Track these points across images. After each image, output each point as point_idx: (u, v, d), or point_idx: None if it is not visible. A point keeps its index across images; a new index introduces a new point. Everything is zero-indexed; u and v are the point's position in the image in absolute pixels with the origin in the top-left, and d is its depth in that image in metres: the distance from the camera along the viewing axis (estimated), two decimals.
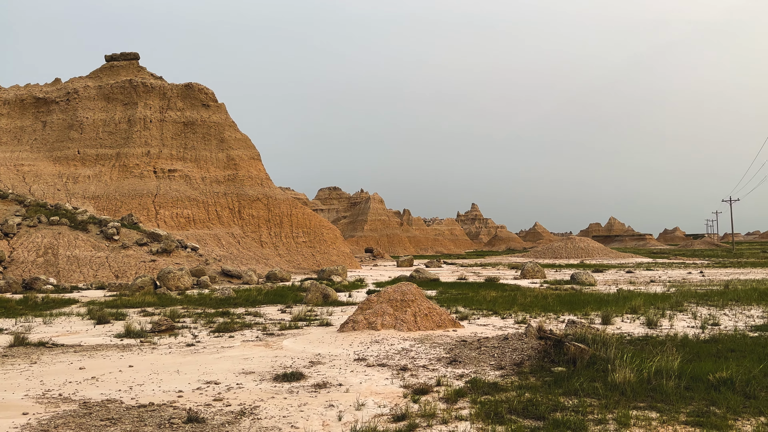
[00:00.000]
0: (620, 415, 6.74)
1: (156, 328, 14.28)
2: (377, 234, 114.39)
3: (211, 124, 53.80)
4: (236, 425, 6.86)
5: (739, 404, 7.11)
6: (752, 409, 7.00)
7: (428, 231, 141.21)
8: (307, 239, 52.59)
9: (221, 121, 54.41)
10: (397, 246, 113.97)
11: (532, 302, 19.60)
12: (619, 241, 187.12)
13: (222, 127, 54.20)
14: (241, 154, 53.86)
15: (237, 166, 52.89)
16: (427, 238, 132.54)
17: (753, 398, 7.39)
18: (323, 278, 34.83)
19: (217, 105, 55.07)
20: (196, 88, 54.62)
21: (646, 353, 9.65)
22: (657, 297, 20.71)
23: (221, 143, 53.60)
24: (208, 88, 55.30)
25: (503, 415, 6.90)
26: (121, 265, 33.00)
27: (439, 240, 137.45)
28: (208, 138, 53.44)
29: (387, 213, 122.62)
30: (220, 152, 53.21)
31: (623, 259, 68.09)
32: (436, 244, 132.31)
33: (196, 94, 54.53)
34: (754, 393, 7.54)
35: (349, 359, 10.77)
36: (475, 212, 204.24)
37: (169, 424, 6.87)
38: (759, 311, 16.91)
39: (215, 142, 53.52)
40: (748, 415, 6.82)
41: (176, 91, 54.41)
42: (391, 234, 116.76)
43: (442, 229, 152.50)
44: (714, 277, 33.74)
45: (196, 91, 54.58)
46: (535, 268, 37.02)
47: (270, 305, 20.65)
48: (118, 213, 45.50)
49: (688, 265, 50.09)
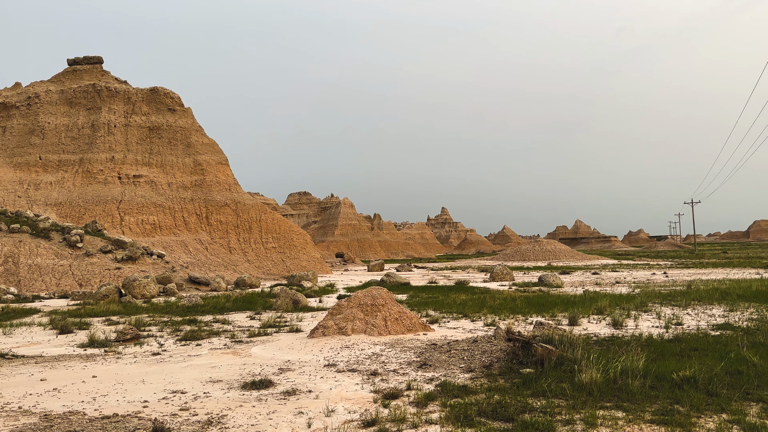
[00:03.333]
0: (587, 415, 6.82)
1: (121, 338, 13.96)
2: (348, 239, 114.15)
3: (177, 129, 53.02)
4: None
5: (702, 402, 7.27)
6: (714, 406, 7.15)
7: (399, 235, 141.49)
8: (276, 245, 52.17)
9: (188, 126, 53.68)
10: (368, 250, 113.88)
11: (501, 305, 19.77)
12: (585, 244, 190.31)
13: (188, 131, 53.47)
14: (209, 159, 53.20)
15: (204, 171, 52.21)
16: (398, 243, 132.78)
17: (715, 396, 7.55)
18: (293, 284, 34.57)
19: (183, 109, 54.32)
20: (161, 93, 53.80)
21: (612, 353, 9.80)
22: (622, 298, 21.09)
23: (188, 148, 52.86)
24: (174, 93, 54.52)
25: (473, 418, 6.92)
26: (84, 273, 32.22)
27: (410, 244, 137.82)
28: (174, 143, 52.64)
29: (358, 217, 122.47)
30: (187, 157, 52.46)
31: (589, 261, 69.23)
32: (406, 248, 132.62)
33: (161, 98, 53.70)
34: (716, 391, 7.72)
35: (319, 365, 10.69)
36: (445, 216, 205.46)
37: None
38: (720, 310, 17.36)
39: (182, 147, 52.75)
40: (711, 412, 6.97)
41: (141, 95, 53.50)
42: (362, 238, 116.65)
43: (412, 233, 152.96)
44: (677, 277, 34.53)
45: (161, 95, 53.76)
46: (504, 270, 37.37)
47: (239, 312, 20.40)
48: (81, 220, 44.46)
49: (652, 266, 51.18)
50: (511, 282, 34.46)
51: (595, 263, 63.15)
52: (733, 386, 7.93)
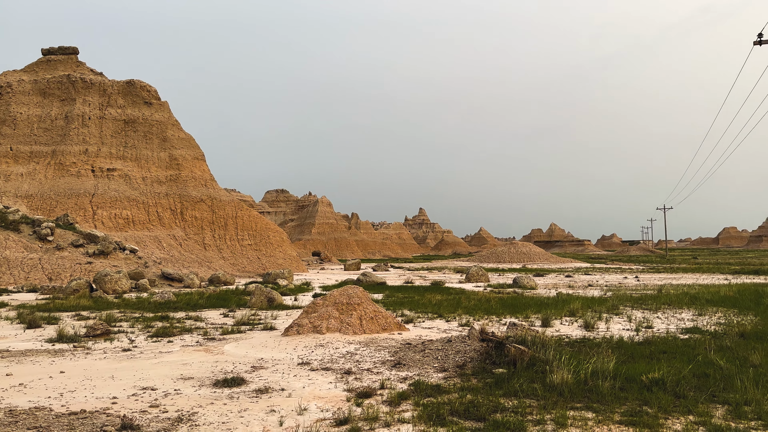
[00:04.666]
0: (558, 416, 6.89)
1: (91, 333, 13.72)
2: (325, 237, 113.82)
3: (153, 123, 52.29)
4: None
5: (669, 404, 7.39)
6: (682, 408, 7.28)
7: (376, 235, 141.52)
8: (252, 242, 51.78)
9: (164, 120, 52.98)
10: (344, 249, 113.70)
11: (475, 305, 19.88)
12: (560, 247, 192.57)
13: (165, 125, 52.78)
14: (185, 153, 52.58)
15: (180, 166, 51.59)
16: (375, 242, 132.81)
17: (683, 398, 7.69)
18: (269, 282, 34.35)
19: (159, 103, 53.60)
20: (138, 85, 53.03)
21: (583, 355, 9.92)
22: (594, 300, 21.37)
23: (164, 142, 52.18)
24: (150, 86, 53.78)
25: (445, 417, 6.94)
26: (55, 267, 31.61)
27: (387, 244, 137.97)
28: (149, 137, 51.92)
29: (335, 216, 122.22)
30: (163, 151, 51.78)
31: (563, 263, 70.05)
32: (383, 247, 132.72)
33: (138, 91, 52.93)
34: (684, 393, 7.86)
35: (293, 363, 10.63)
36: (422, 217, 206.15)
37: (102, 431, 6.60)
38: (689, 314, 17.68)
39: (157, 141, 52.05)
40: (678, 414, 7.10)
41: (117, 87, 52.66)
42: (339, 237, 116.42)
43: (389, 233, 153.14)
44: (648, 281, 35.11)
45: (138, 88, 52.99)
46: (480, 272, 37.61)
47: (212, 309, 20.20)
48: (53, 213, 43.60)
49: (624, 270, 51.95)
50: (487, 283, 34.69)
51: (568, 266, 63.91)
52: (700, 389, 8.09)
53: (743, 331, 12.93)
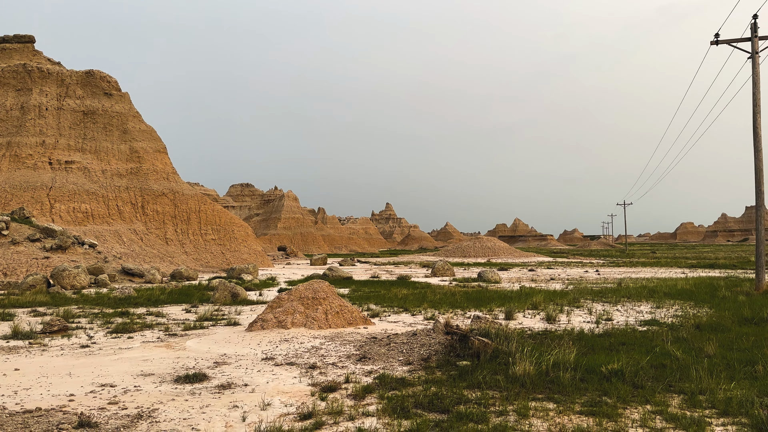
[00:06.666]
0: (520, 407, 6.98)
1: (47, 329, 13.34)
2: (291, 232, 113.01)
3: (113, 114, 51.02)
4: (132, 429, 6.50)
5: (628, 394, 7.56)
6: (639, 398, 7.46)
7: (343, 230, 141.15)
8: (216, 237, 51.07)
9: (125, 111, 51.75)
10: (311, 244, 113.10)
11: (441, 299, 20.01)
12: (523, 241, 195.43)
13: (125, 117, 51.56)
14: (146, 146, 51.47)
15: (141, 158, 50.49)
16: (342, 237, 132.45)
17: (641, 388, 7.88)
18: (233, 277, 33.95)
19: (120, 94, 52.32)
20: (97, 76, 51.64)
21: (545, 347, 10.08)
22: (556, 294, 21.74)
23: (124, 134, 50.98)
24: (111, 76, 52.43)
25: (409, 410, 6.96)
26: (10, 262, 30.63)
27: (354, 239, 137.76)
28: (109, 128, 50.65)
29: (301, 211, 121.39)
30: (123, 144, 50.59)
31: (526, 258, 71.08)
32: (350, 242, 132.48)
33: (97, 81, 51.54)
34: (642, 383, 8.05)
35: (257, 359, 10.52)
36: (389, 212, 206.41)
37: (58, 429, 6.41)
38: (648, 307, 18.13)
39: (117, 133, 50.82)
40: (636, 403, 7.27)
41: (76, 78, 51.17)
42: (306, 232, 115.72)
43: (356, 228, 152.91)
44: (608, 275, 35.88)
45: (97, 78, 51.60)
46: (445, 266, 37.87)
47: (174, 305, 19.86)
48: (8, 206, 42.19)
49: (585, 264, 52.99)
50: (452, 277, 34.96)
51: (532, 260, 64.87)
52: (658, 379, 8.30)
53: (699, 323, 13.31)
